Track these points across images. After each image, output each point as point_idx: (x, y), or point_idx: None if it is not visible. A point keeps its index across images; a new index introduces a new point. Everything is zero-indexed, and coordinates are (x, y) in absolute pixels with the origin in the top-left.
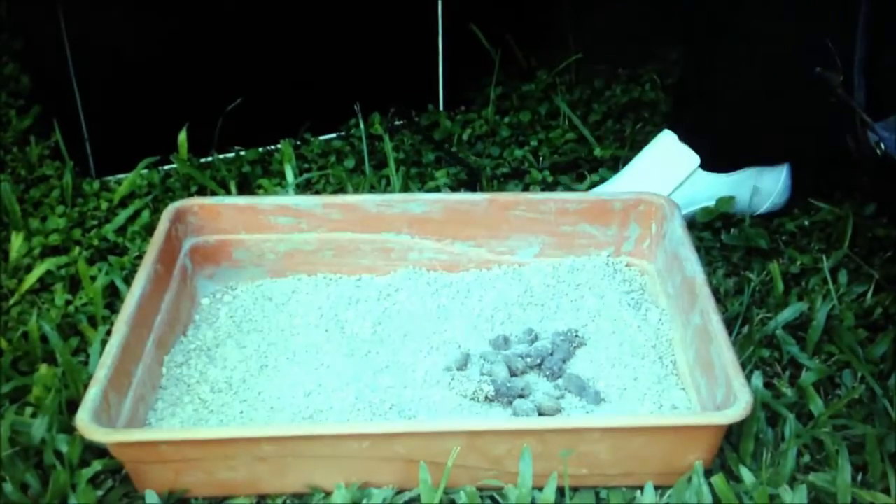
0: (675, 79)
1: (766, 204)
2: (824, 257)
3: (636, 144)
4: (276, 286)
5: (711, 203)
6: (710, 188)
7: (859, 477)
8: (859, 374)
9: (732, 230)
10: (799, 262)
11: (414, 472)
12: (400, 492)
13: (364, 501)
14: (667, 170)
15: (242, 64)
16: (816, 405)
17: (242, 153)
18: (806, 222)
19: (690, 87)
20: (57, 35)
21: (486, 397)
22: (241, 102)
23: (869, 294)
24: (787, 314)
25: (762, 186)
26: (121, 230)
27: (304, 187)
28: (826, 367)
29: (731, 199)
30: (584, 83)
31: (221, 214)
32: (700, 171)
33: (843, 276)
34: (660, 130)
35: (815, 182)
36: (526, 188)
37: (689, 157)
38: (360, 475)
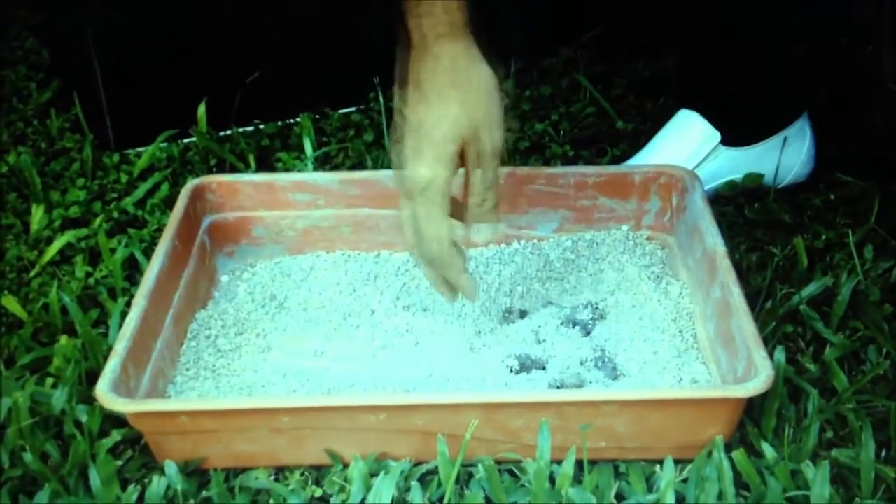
0: (689, 55)
1: (789, 176)
2: (850, 232)
3: (658, 119)
4: (295, 263)
5: (734, 177)
6: (733, 163)
7: (883, 453)
8: (884, 350)
9: (756, 205)
10: (824, 237)
11: (431, 444)
12: (417, 464)
13: (381, 473)
14: (688, 148)
15: (262, 37)
16: (840, 381)
17: (262, 127)
18: (831, 197)
19: (706, 64)
20: (76, 8)
21: (510, 370)
22: (261, 76)
23: (895, 269)
24: (811, 289)
25: (785, 158)
26: (140, 203)
27: (323, 161)
28: (850, 342)
29: (759, 175)
30: (605, 57)
31: (240, 192)
32: (721, 146)
33: (868, 251)
34: (682, 104)
35: (840, 155)
36: (547, 162)
37: (710, 134)
38: (378, 447)
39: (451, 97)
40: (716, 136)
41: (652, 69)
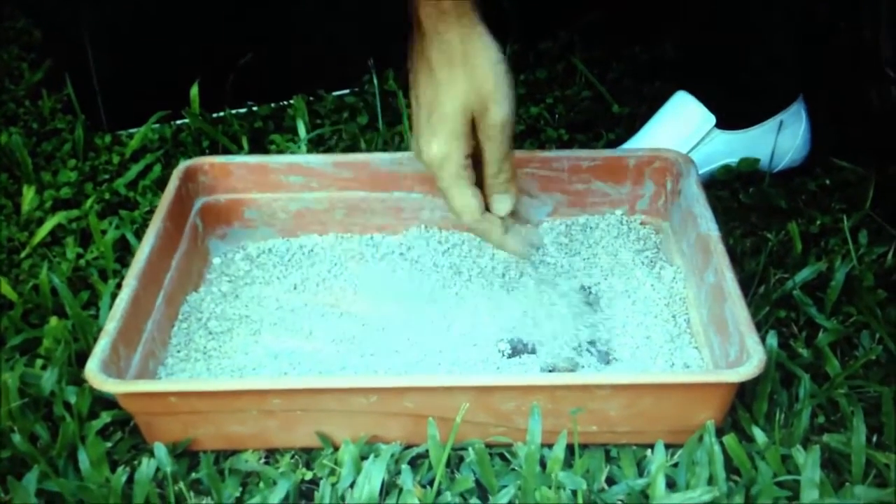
0: (684, 38)
1: (784, 160)
2: (845, 217)
3: (655, 103)
4: (288, 246)
5: (729, 161)
6: (728, 147)
7: (874, 438)
8: (877, 335)
9: (751, 189)
10: (819, 222)
11: (422, 427)
12: (408, 447)
13: (372, 456)
14: (683, 132)
15: (256, 19)
16: (833, 366)
17: (255, 108)
18: (827, 181)
19: (703, 47)
20: None
21: (502, 354)
22: (255, 58)
23: (889, 255)
24: (804, 274)
25: (780, 142)
26: (132, 184)
27: (317, 143)
28: (844, 327)
29: (755, 160)
30: (602, 41)
31: (232, 173)
32: (716, 130)
33: (863, 237)
34: (678, 87)
35: (836, 140)
36: (542, 146)
37: (706, 117)
38: (369, 430)
39: (458, 73)
40: (711, 119)
41: (649, 53)
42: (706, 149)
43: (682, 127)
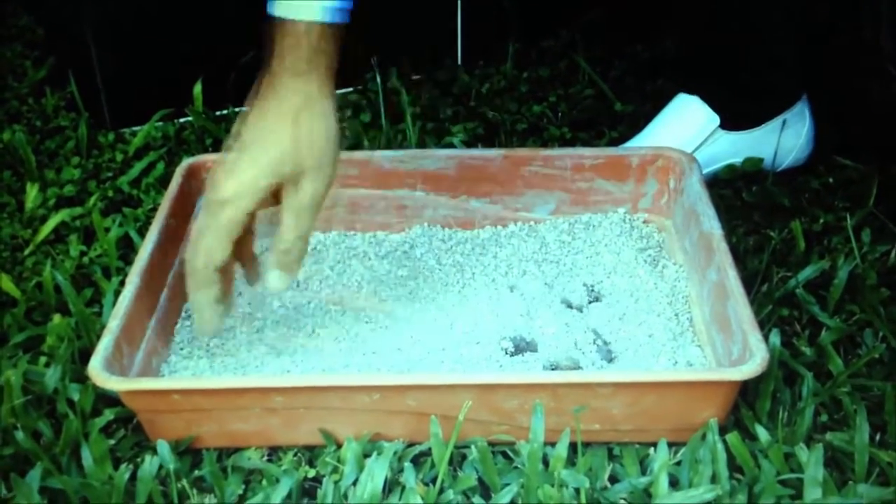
0: (685, 39)
1: (788, 159)
2: (848, 215)
3: (657, 101)
4: None
5: (733, 161)
6: (732, 147)
7: (877, 436)
8: (880, 334)
9: (754, 188)
10: (822, 220)
11: (425, 425)
12: (411, 445)
13: (375, 454)
14: (687, 132)
15: (259, 17)
16: (836, 364)
17: None
18: (830, 180)
19: (706, 48)
20: None
21: (504, 351)
22: (259, 55)
23: (892, 253)
24: (807, 272)
25: (784, 141)
26: (135, 182)
27: None
28: (846, 326)
29: (759, 159)
30: (605, 40)
31: None
32: (720, 130)
33: (866, 235)
34: (681, 88)
35: (838, 138)
36: (544, 144)
37: (710, 118)
38: (372, 427)
39: (286, 134)
40: (715, 120)
41: (651, 52)
42: (710, 149)
43: (686, 128)
